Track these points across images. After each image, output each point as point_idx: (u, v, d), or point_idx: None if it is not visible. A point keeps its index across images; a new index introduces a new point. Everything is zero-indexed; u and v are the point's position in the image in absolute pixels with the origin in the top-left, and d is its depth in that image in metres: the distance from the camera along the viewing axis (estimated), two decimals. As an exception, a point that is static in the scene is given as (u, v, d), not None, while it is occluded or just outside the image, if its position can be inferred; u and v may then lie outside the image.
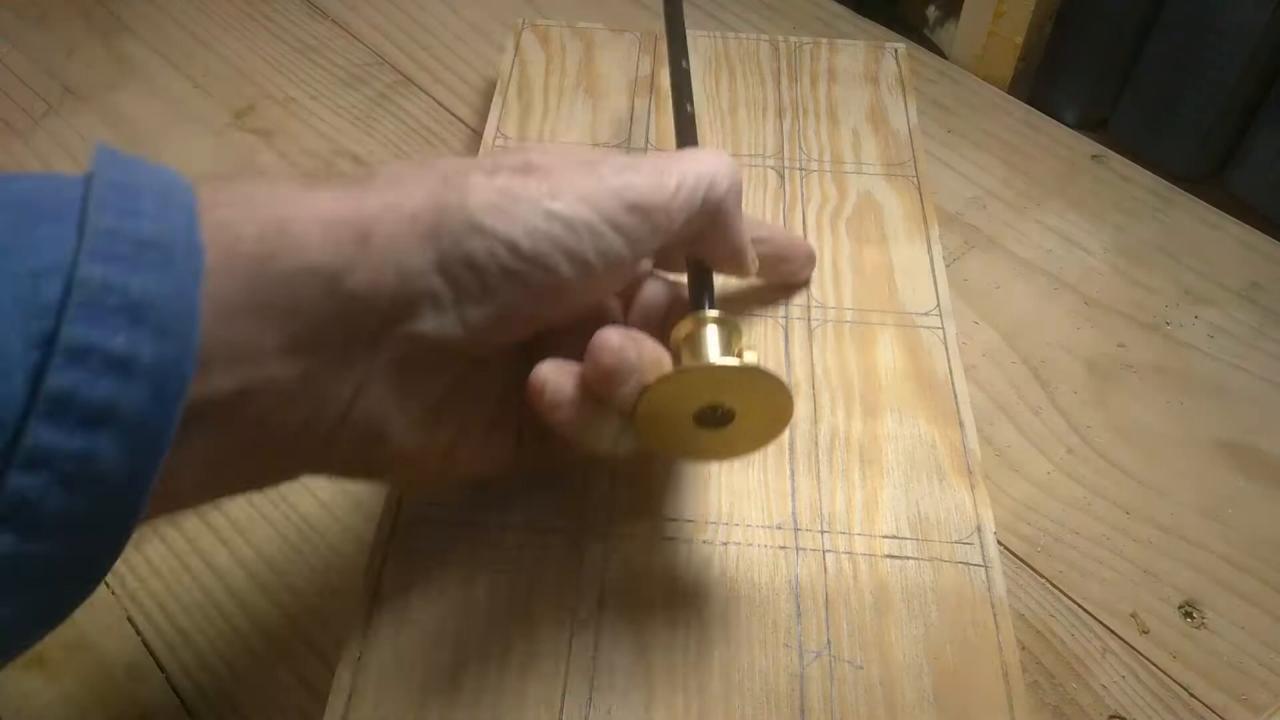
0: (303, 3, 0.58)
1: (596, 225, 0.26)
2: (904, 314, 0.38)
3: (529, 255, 0.25)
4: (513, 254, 0.25)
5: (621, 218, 0.26)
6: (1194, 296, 0.43)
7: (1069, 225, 0.46)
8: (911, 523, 0.33)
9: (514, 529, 0.32)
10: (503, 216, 0.25)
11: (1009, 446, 0.38)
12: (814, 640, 0.30)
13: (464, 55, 0.55)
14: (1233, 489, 0.37)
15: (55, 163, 0.49)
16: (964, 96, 0.52)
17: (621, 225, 0.26)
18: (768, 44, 0.50)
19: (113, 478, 0.19)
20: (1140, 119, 0.52)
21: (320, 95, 0.53)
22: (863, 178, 0.44)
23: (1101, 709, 0.32)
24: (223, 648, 0.33)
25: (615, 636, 0.30)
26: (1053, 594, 0.34)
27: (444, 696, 0.28)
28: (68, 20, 0.57)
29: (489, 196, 0.25)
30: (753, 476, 0.34)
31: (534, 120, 0.46)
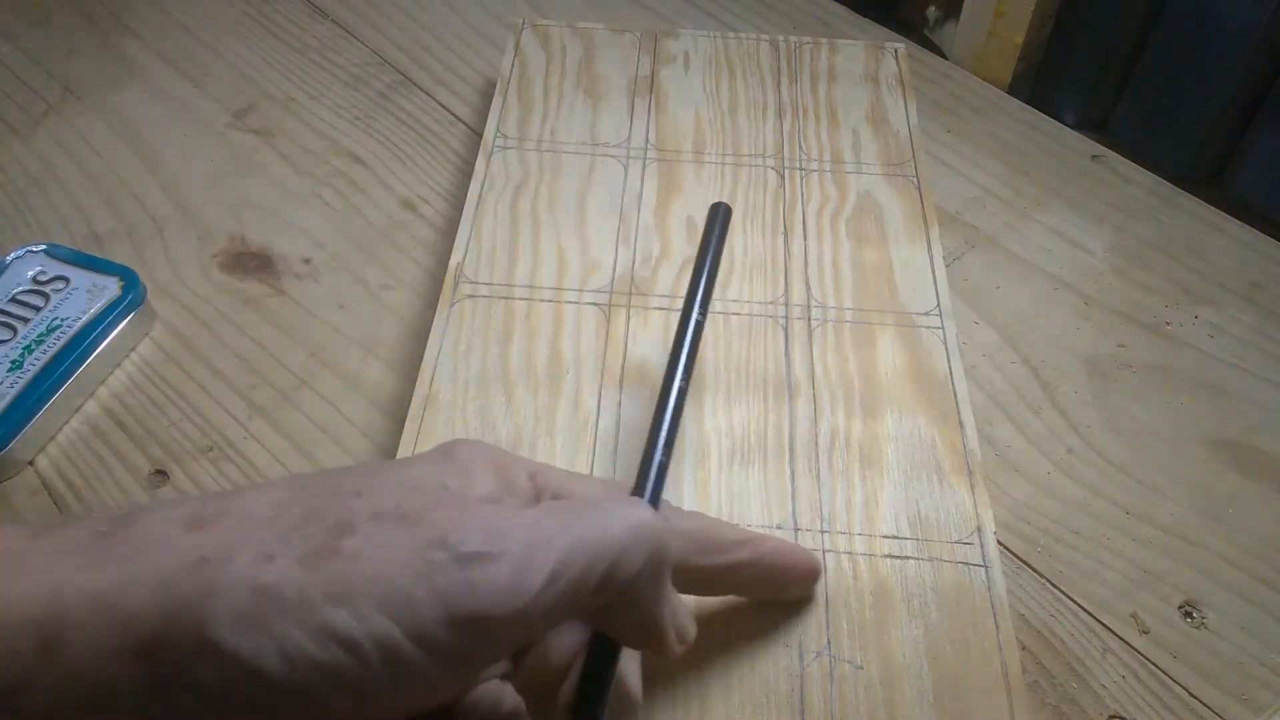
0: (303, 3, 0.58)
1: (395, 644, 0.19)
2: (904, 314, 0.38)
3: (280, 686, 0.18)
4: (255, 685, 0.18)
5: (439, 633, 0.19)
6: (1194, 296, 0.43)
7: (1069, 225, 0.46)
8: (911, 523, 0.33)
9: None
10: (251, 632, 0.18)
11: (1009, 446, 0.38)
12: (814, 640, 0.30)
13: (464, 55, 0.55)
14: (1233, 489, 0.37)
15: (55, 163, 0.49)
16: (964, 96, 0.52)
17: (438, 644, 0.19)
18: (768, 44, 0.50)
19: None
20: (1140, 119, 0.52)
21: (320, 95, 0.53)
22: (863, 178, 0.44)
23: (1101, 709, 0.32)
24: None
25: (615, 636, 0.30)
26: (1053, 594, 0.34)
27: (444, 696, 0.28)
28: (68, 20, 0.57)
29: (241, 600, 0.18)
30: (753, 476, 0.34)
31: (534, 120, 0.46)
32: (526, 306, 0.38)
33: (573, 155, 0.44)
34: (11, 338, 0.38)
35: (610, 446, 0.34)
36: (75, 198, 0.47)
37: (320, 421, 0.39)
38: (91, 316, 0.38)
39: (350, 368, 0.40)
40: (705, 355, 0.37)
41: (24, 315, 0.38)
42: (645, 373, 0.36)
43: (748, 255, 0.40)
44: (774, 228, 0.41)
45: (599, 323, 0.38)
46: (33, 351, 0.37)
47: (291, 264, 0.44)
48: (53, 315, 0.38)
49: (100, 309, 0.39)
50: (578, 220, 0.41)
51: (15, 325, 0.38)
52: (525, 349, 0.37)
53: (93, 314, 0.39)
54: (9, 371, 0.36)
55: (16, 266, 0.40)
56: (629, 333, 0.38)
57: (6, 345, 0.37)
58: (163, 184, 0.48)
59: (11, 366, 0.37)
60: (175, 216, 0.47)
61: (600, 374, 0.36)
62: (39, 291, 0.39)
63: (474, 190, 0.42)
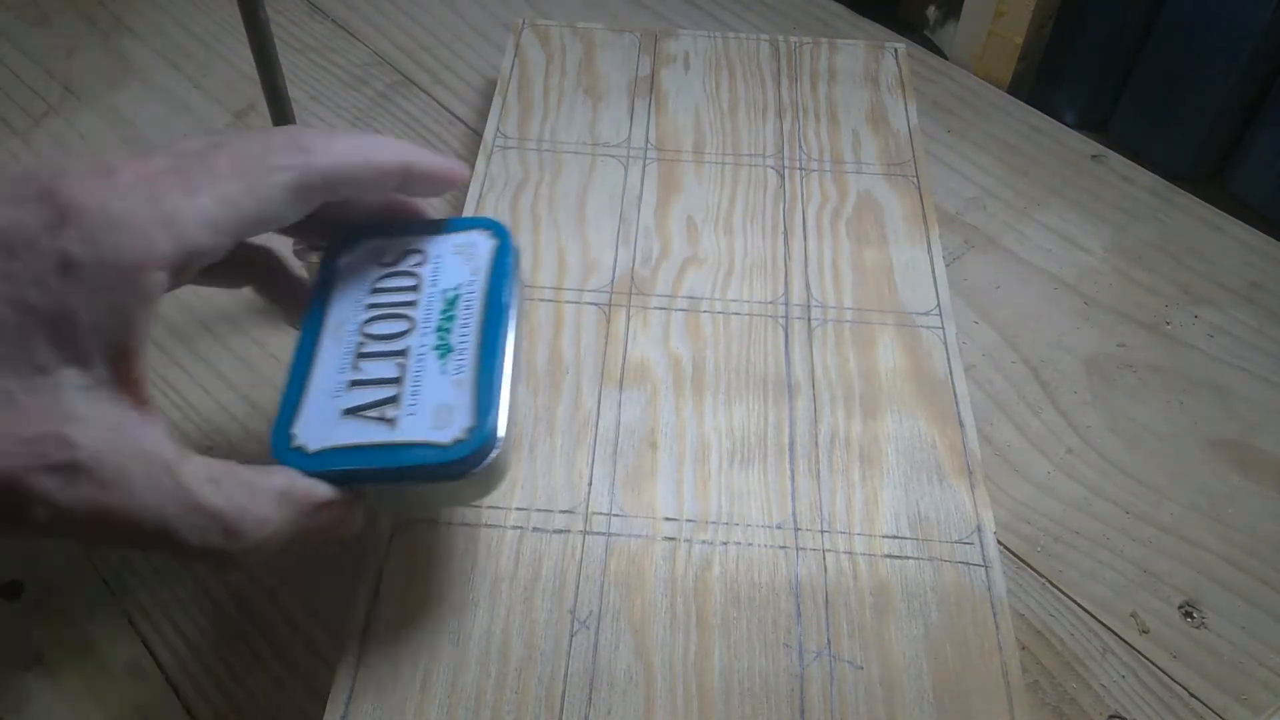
0: (303, 3, 0.58)
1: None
2: (904, 314, 0.38)
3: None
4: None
5: None
6: (1194, 296, 0.43)
7: (1069, 225, 0.46)
8: (911, 523, 0.33)
9: (514, 529, 0.32)
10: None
11: (1009, 446, 0.38)
12: (814, 640, 0.30)
13: (464, 55, 0.55)
14: (1232, 489, 0.37)
15: (55, 163, 0.49)
16: (964, 96, 0.52)
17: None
18: (768, 44, 0.50)
19: None
20: (1140, 119, 0.52)
21: (320, 95, 0.53)
22: (863, 178, 0.44)
23: (1101, 709, 0.32)
24: (223, 648, 0.33)
25: (615, 636, 0.30)
26: (1053, 594, 0.34)
27: (444, 696, 0.28)
28: (68, 20, 0.57)
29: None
30: (753, 476, 0.34)
31: (534, 120, 0.46)
32: (526, 306, 0.38)
33: (573, 155, 0.44)
34: (409, 328, 0.30)
35: (610, 446, 0.34)
36: (75, 198, 0.47)
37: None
38: (487, 273, 0.31)
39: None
40: (705, 355, 0.37)
41: (404, 300, 0.30)
42: (645, 372, 0.36)
43: (748, 255, 0.40)
44: (774, 228, 0.41)
45: (599, 323, 0.38)
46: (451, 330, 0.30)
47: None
48: (440, 289, 0.30)
49: (489, 263, 0.31)
50: (578, 220, 0.41)
51: (403, 313, 0.30)
52: (525, 349, 0.37)
53: (486, 270, 0.31)
54: (442, 358, 0.29)
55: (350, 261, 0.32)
56: (629, 333, 0.38)
57: (410, 336, 0.29)
58: (163, 184, 0.48)
59: (442, 352, 0.29)
60: (175, 216, 0.47)
61: (600, 374, 0.36)
62: (402, 273, 0.31)
63: (474, 190, 0.42)
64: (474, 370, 0.28)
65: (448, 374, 0.28)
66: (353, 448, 0.27)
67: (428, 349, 0.29)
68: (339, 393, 0.28)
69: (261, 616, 0.34)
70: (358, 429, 0.27)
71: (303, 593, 0.34)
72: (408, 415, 0.27)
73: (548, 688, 0.29)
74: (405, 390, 0.28)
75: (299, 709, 0.32)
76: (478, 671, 0.29)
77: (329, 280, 0.31)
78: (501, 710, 0.28)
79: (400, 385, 0.28)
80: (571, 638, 0.30)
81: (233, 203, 0.25)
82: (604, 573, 0.31)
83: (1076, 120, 0.53)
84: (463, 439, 0.27)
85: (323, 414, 0.28)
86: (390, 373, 0.28)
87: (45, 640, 0.33)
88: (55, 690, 0.32)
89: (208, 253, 0.25)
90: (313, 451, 0.27)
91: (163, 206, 0.24)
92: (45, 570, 0.35)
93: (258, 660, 0.33)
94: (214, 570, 0.26)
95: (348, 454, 0.27)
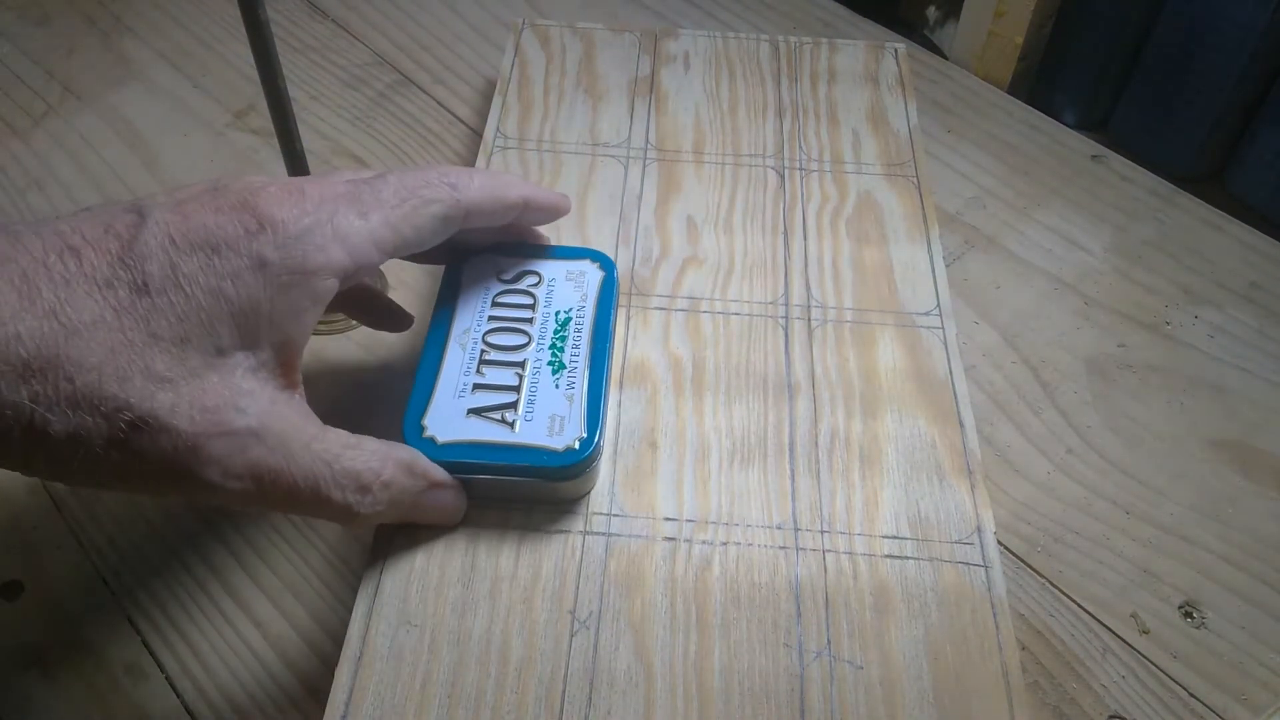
0: (303, 3, 0.58)
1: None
2: (904, 314, 0.38)
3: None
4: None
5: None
6: (1194, 296, 0.43)
7: (1069, 225, 0.46)
8: (911, 523, 0.33)
9: (514, 528, 0.32)
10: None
11: (1009, 446, 0.38)
12: (814, 640, 0.30)
13: (464, 55, 0.55)
14: (1232, 489, 0.37)
15: (55, 163, 0.49)
16: (964, 96, 0.52)
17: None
18: (768, 44, 0.50)
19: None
20: (1140, 119, 0.52)
21: (320, 95, 0.53)
22: (863, 178, 0.44)
23: (1101, 709, 0.32)
24: (223, 648, 0.33)
25: (615, 636, 0.30)
26: (1053, 594, 0.34)
27: (444, 696, 0.28)
28: (68, 20, 0.57)
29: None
30: (753, 476, 0.34)
31: (534, 120, 0.46)
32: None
33: (573, 155, 0.44)
34: (527, 342, 0.34)
35: (610, 446, 0.34)
36: (75, 198, 0.47)
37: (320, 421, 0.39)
38: (595, 300, 0.35)
39: (350, 368, 0.40)
40: (705, 355, 0.37)
41: (522, 316, 0.35)
42: (645, 372, 0.36)
43: (748, 255, 0.40)
44: (774, 228, 0.41)
45: (599, 323, 0.38)
46: (563, 350, 0.34)
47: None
48: (553, 309, 0.35)
49: (597, 292, 0.35)
50: (578, 220, 0.41)
51: (521, 328, 0.34)
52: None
53: (594, 298, 0.35)
54: (555, 373, 0.33)
55: (473, 274, 0.36)
56: (629, 333, 0.38)
57: (528, 349, 0.34)
58: (163, 184, 0.48)
59: (555, 368, 0.33)
60: (175, 216, 0.47)
61: (600, 374, 0.36)
62: (519, 291, 0.35)
63: (474, 190, 0.42)
64: (584, 387, 0.33)
65: (560, 388, 0.33)
66: (476, 444, 0.31)
67: (543, 363, 0.33)
68: (463, 393, 0.32)
69: (261, 616, 0.34)
70: (482, 427, 0.32)
71: (303, 592, 0.34)
72: (525, 420, 0.32)
73: (548, 688, 0.29)
74: (523, 398, 0.32)
75: (299, 709, 0.32)
76: (478, 671, 0.29)
77: (453, 291, 0.35)
78: (501, 710, 0.28)
79: (519, 393, 0.32)
80: (571, 638, 0.30)
81: (394, 226, 0.29)
82: (604, 573, 0.31)
83: (1076, 120, 0.53)
84: (574, 447, 0.31)
85: (450, 410, 0.32)
86: (510, 380, 0.33)
87: (45, 640, 0.33)
88: (55, 690, 0.32)
89: (371, 266, 0.29)
90: (441, 443, 0.31)
91: (340, 225, 0.28)
92: (45, 570, 0.35)
93: (258, 660, 0.33)
94: (346, 525, 0.30)
95: (472, 449, 0.31)
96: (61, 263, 0.24)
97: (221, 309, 0.26)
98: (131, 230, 0.25)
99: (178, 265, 0.25)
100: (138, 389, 0.24)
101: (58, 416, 0.24)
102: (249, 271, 0.26)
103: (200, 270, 0.26)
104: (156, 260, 0.25)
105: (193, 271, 0.25)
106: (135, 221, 0.26)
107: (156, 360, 0.25)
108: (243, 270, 0.26)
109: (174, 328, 0.25)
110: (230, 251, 0.26)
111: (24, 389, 0.23)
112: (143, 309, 0.25)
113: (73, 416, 0.24)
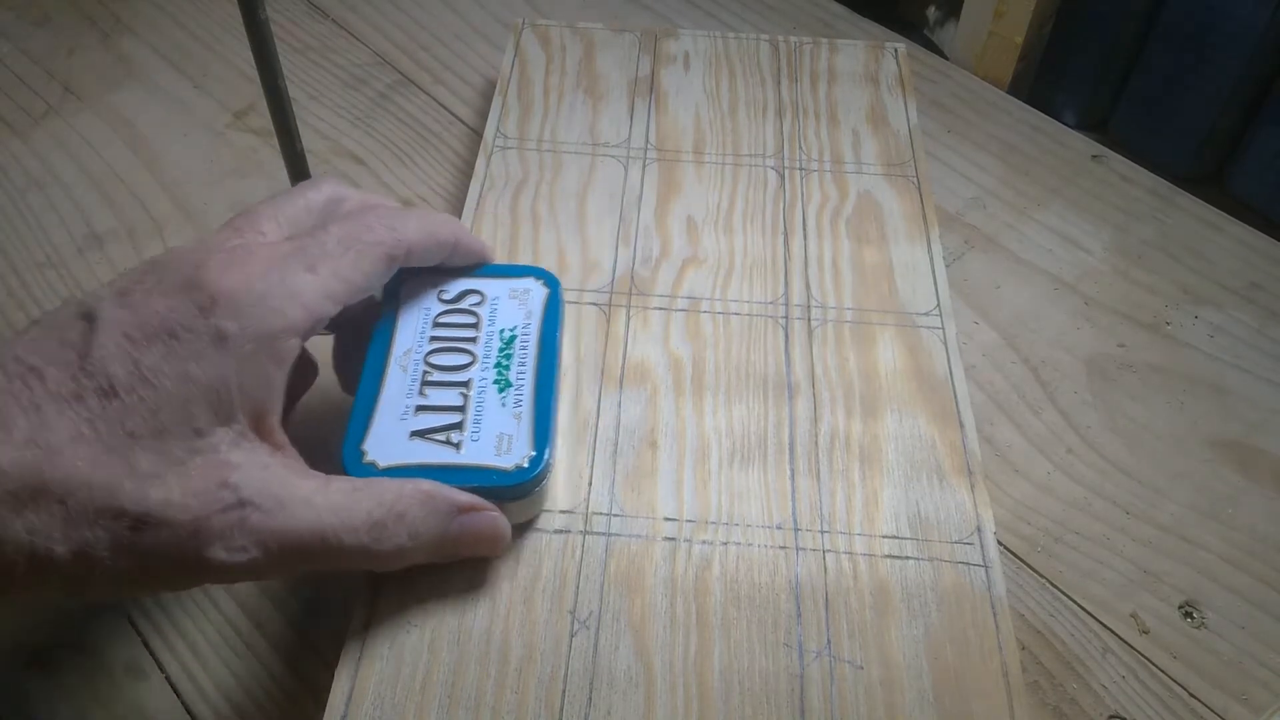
0: (303, 3, 0.58)
1: None
2: (904, 314, 0.38)
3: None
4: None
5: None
6: (1194, 296, 0.43)
7: (1069, 225, 0.46)
8: (911, 523, 0.33)
9: (514, 528, 0.32)
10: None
11: (1009, 446, 0.38)
12: (814, 640, 0.30)
13: (464, 55, 0.55)
14: (1233, 489, 0.37)
15: (55, 163, 0.49)
16: (964, 96, 0.52)
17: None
18: (768, 44, 0.50)
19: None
20: (1140, 119, 0.52)
21: (320, 95, 0.53)
22: (863, 178, 0.44)
23: (1101, 709, 0.32)
24: (223, 648, 0.33)
25: (615, 636, 0.30)
26: (1053, 594, 0.34)
27: (444, 696, 0.28)
28: (68, 20, 0.57)
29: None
30: (753, 476, 0.34)
31: (534, 120, 0.46)
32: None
33: (573, 155, 0.44)
34: (471, 361, 0.33)
35: (610, 446, 0.34)
36: (75, 198, 0.47)
37: (320, 421, 0.39)
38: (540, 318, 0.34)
39: (350, 368, 0.41)
40: (705, 355, 0.37)
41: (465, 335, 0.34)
42: (645, 372, 0.36)
43: (748, 255, 0.40)
44: (774, 228, 0.41)
45: (599, 323, 0.38)
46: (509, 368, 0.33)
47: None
48: (497, 328, 0.34)
49: (541, 309, 0.35)
50: (578, 220, 0.41)
51: (465, 347, 0.33)
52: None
53: (539, 315, 0.34)
54: (501, 392, 0.32)
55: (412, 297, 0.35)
56: (629, 333, 0.38)
57: (472, 369, 0.33)
58: (163, 184, 0.48)
59: (501, 386, 0.32)
60: (175, 216, 0.47)
61: (600, 374, 0.36)
62: (461, 310, 0.34)
63: (474, 190, 0.42)
64: (531, 405, 0.32)
65: (507, 407, 0.32)
66: (421, 466, 0.30)
67: (488, 382, 0.32)
68: (406, 415, 0.31)
69: (261, 616, 0.34)
70: (426, 449, 0.30)
71: (303, 592, 0.34)
72: (472, 441, 0.31)
73: (548, 688, 0.29)
74: (469, 418, 0.31)
75: (299, 709, 0.32)
76: (478, 671, 0.29)
77: (392, 313, 0.34)
78: (501, 710, 0.28)
79: (464, 413, 0.31)
80: (571, 638, 0.30)
81: (343, 276, 0.29)
82: (604, 573, 0.31)
83: (1076, 120, 0.53)
84: (523, 466, 0.30)
85: (392, 434, 0.31)
86: (455, 401, 0.32)
87: (45, 640, 0.33)
88: (55, 690, 0.32)
89: (326, 319, 0.29)
90: (383, 467, 0.30)
91: (292, 283, 0.28)
92: (45, 570, 0.35)
93: (258, 660, 0.33)
94: (378, 568, 0.29)
95: (416, 472, 0.30)
96: (27, 387, 0.24)
97: (191, 392, 0.26)
98: (84, 337, 0.25)
99: (139, 360, 0.25)
100: (129, 492, 0.24)
101: (59, 540, 0.24)
102: (210, 349, 0.26)
103: (162, 359, 0.25)
104: (117, 361, 0.25)
105: (155, 363, 0.25)
106: (86, 328, 0.26)
107: (140, 459, 0.25)
108: (204, 349, 0.26)
109: (149, 422, 0.25)
110: (188, 334, 0.26)
111: (19, 522, 0.23)
112: (115, 412, 0.25)
113: (74, 535, 0.24)
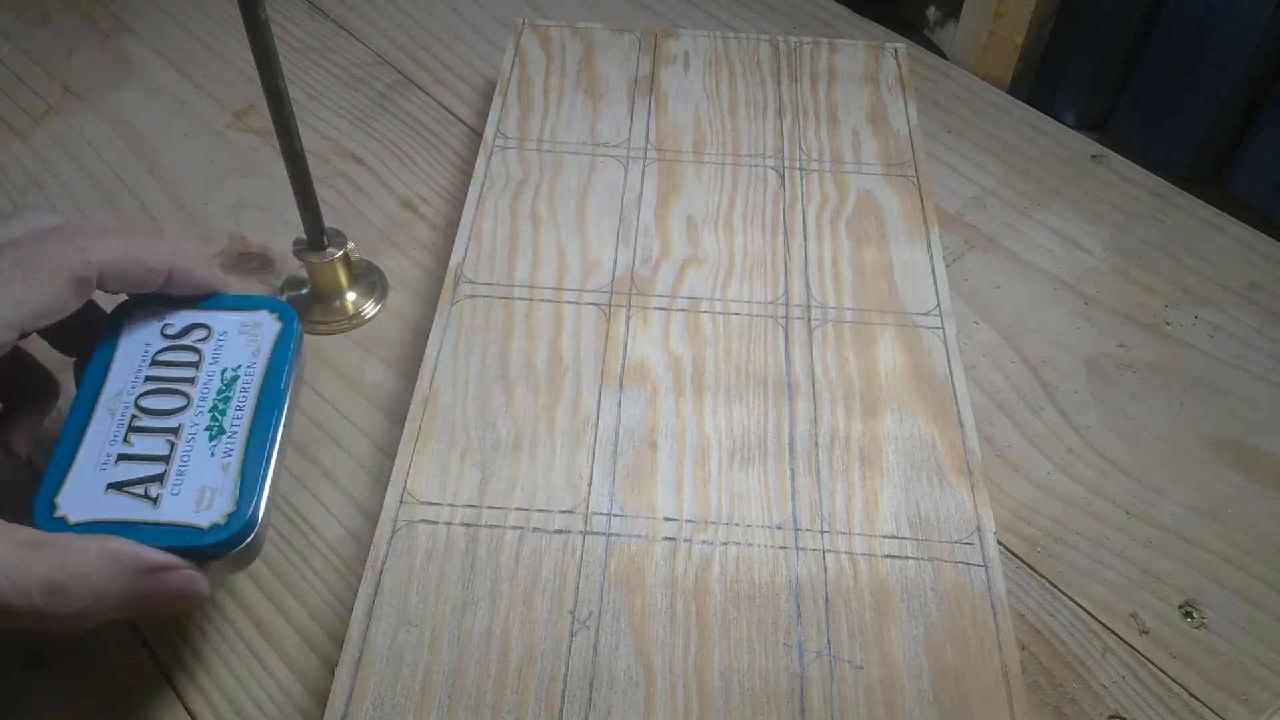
0: (303, 3, 0.58)
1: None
2: (904, 314, 0.38)
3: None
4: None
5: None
6: (1194, 296, 0.43)
7: (1069, 225, 0.46)
8: (911, 523, 0.33)
9: (514, 529, 0.32)
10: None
11: (1009, 446, 0.38)
12: (814, 640, 0.30)
13: (464, 55, 0.55)
14: (1233, 489, 0.37)
15: (55, 163, 0.49)
16: (964, 96, 0.52)
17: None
18: (768, 44, 0.50)
19: None
20: (1140, 119, 0.52)
21: (320, 95, 0.53)
22: (863, 178, 0.44)
23: (1101, 709, 0.32)
24: (222, 647, 0.33)
25: (615, 636, 0.30)
26: (1053, 594, 0.34)
27: (444, 696, 0.28)
28: (68, 20, 0.57)
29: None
30: (753, 476, 0.34)
31: (534, 120, 0.46)
32: (526, 306, 0.38)
33: (573, 155, 0.44)
34: (185, 405, 0.31)
35: (610, 446, 0.34)
36: (75, 198, 0.47)
37: (320, 421, 0.39)
38: (268, 357, 0.32)
39: (350, 368, 0.41)
40: (705, 355, 0.37)
41: (183, 375, 0.31)
42: (645, 373, 0.36)
43: (748, 255, 0.40)
44: (774, 228, 0.41)
45: (599, 323, 0.38)
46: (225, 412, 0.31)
47: (292, 264, 0.44)
48: (220, 367, 0.31)
49: (271, 347, 0.32)
50: (578, 220, 0.41)
51: (180, 389, 0.31)
52: (525, 349, 0.37)
53: (268, 353, 0.32)
54: (212, 440, 0.30)
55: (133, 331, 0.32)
56: (629, 333, 0.38)
57: (185, 413, 0.30)
58: (163, 184, 0.48)
59: (213, 434, 0.30)
60: (175, 216, 0.47)
61: (600, 374, 0.36)
62: (184, 347, 0.32)
63: (474, 190, 0.42)
64: (241, 455, 0.29)
65: (216, 456, 0.29)
66: (113, 523, 0.28)
67: (199, 429, 0.30)
68: (105, 465, 0.29)
69: (261, 616, 0.34)
70: (121, 505, 0.28)
71: (303, 592, 0.34)
72: (171, 495, 0.28)
73: (548, 688, 0.29)
74: (172, 469, 0.29)
75: (299, 709, 0.32)
76: (478, 671, 0.29)
77: (109, 349, 0.32)
78: (501, 710, 0.28)
79: (168, 463, 0.29)
80: (571, 638, 0.30)
81: (19, 302, 0.28)
82: (604, 573, 0.31)
83: (1076, 120, 0.53)
84: (220, 524, 0.28)
85: (88, 485, 0.28)
86: (160, 449, 0.29)
87: (45, 640, 0.33)
88: (55, 690, 0.32)
89: (5, 346, 0.27)
90: (74, 523, 0.28)
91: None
92: (45, 570, 0.35)
93: (258, 660, 0.33)
94: (53, 630, 0.27)
95: (108, 529, 0.27)
96: None
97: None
98: None
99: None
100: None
101: None
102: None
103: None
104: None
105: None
106: None
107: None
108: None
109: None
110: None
111: None
112: None
113: None
